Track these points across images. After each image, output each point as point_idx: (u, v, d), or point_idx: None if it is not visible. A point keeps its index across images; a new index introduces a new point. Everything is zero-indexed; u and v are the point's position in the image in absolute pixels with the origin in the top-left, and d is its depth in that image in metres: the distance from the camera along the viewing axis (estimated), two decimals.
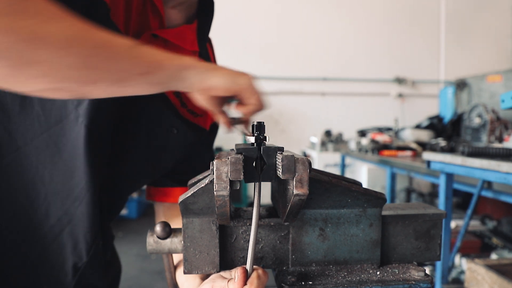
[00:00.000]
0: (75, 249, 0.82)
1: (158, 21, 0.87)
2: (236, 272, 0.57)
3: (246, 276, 0.56)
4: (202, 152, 1.05)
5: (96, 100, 0.76)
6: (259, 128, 0.57)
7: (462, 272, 2.67)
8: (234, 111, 0.76)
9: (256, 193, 0.56)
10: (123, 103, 0.83)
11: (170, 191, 1.05)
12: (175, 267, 0.82)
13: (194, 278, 0.80)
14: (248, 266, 0.55)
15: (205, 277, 0.82)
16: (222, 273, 0.65)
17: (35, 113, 0.76)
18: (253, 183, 0.56)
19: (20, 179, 0.78)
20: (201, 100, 0.71)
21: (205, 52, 0.99)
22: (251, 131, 0.61)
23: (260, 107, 0.74)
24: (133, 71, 0.60)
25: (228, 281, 0.58)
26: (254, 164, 0.54)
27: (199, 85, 0.67)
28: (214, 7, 1.00)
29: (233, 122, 0.78)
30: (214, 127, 1.07)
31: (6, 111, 0.76)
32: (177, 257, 0.83)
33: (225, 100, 0.74)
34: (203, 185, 0.57)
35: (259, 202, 0.55)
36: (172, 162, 0.98)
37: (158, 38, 0.86)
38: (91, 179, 0.79)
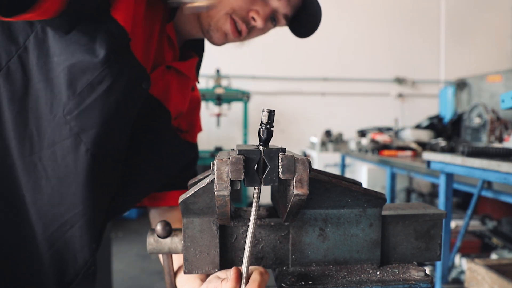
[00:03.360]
0: (59, 271, 0.82)
1: (172, 53, 0.93)
2: (230, 272, 0.57)
3: (240, 275, 0.56)
4: (195, 161, 1.10)
5: (105, 127, 0.75)
6: (269, 117, 0.54)
7: (462, 272, 2.67)
8: None
9: (255, 197, 0.55)
10: (131, 129, 0.84)
11: (163, 195, 1.05)
12: (175, 273, 0.82)
13: (193, 280, 0.80)
14: (243, 266, 0.55)
15: (205, 278, 0.82)
16: (218, 273, 0.65)
17: (29, 132, 0.75)
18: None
19: (4, 199, 0.77)
20: None
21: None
22: None
23: None
24: None
25: (222, 281, 0.59)
26: (255, 167, 0.52)
27: None
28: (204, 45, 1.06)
29: None
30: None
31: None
32: (177, 263, 0.83)
33: None
34: (203, 185, 0.57)
35: (258, 204, 0.55)
36: (171, 175, 1.01)
37: (171, 69, 0.91)
38: (89, 205, 0.78)
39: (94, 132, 0.74)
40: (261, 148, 0.53)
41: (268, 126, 0.54)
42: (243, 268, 0.55)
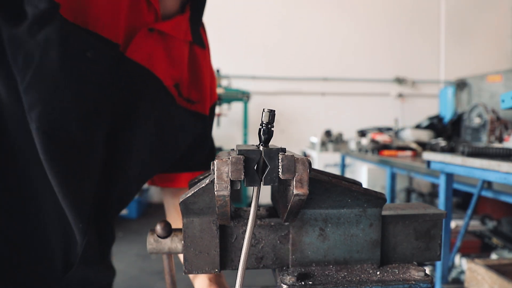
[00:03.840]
0: (66, 248, 0.81)
1: (154, 14, 0.84)
2: None
3: None
4: (204, 137, 1.02)
5: (47, 104, 0.69)
6: (270, 117, 0.53)
7: (462, 272, 2.67)
8: None
9: (254, 197, 0.54)
10: (110, 100, 0.77)
11: (176, 176, 1.02)
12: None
13: (203, 278, 0.81)
14: (240, 266, 0.54)
15: (212, 277, 0.82)
16: None
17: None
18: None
19: (15, 175, 0.76)
20: None
21: (199, 39, 0.96)
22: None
23: None
24: None
25: None
26: (255, 167, 0.52)
27: None
28: None
29: None
30: (212, 111, 1.04)
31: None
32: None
33: None
34: (203, 185, 0.57)
35: (257, 204, 0.55)
36: (178, 153, 0.95)
37: (154, 31, 0.83)
38: (62, 187, 0.73)
39: (39, 109, 0.69)
40: (261, 148, 0.53)
41: (269, 126, 0.54)
42: (240, 267, 0.54)
